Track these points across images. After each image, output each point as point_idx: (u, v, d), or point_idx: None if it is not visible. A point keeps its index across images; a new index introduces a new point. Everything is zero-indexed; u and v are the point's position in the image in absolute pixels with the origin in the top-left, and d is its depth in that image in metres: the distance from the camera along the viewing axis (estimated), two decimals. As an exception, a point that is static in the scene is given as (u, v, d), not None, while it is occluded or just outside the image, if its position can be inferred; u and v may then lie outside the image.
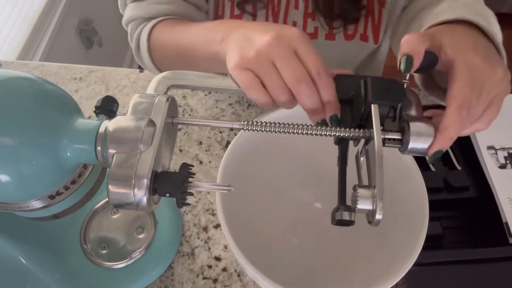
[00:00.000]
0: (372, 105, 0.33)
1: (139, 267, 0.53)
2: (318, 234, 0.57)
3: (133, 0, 0.60)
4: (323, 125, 0.35)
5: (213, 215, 0.60)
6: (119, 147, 0.31)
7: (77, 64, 0.80)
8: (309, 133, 0.35)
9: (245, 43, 0.39)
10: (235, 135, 0.51)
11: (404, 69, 0.35)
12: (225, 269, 0.55)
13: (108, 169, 0.31)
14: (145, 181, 0.29)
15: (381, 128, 0.34)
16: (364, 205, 0.30)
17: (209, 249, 0.57)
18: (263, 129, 0.35)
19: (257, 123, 0.35)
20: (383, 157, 0.31)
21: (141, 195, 0.30)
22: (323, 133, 0.35)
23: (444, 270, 0.51)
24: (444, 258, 0.52)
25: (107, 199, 0.47)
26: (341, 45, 0.66)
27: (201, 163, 0.65)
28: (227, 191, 0.33)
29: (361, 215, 0.32)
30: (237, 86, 0.39)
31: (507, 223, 0.53)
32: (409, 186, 0.47)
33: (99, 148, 0.31)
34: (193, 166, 0.33)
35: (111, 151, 0.31)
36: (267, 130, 0.35)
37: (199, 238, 0.58)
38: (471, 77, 0.36)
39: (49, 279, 0.49)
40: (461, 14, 0.44)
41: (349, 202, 0.32)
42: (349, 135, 0.35)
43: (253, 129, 0.35)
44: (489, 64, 0.37)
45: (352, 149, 0.37)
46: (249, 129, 0.35)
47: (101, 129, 0.32)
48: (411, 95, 0.36)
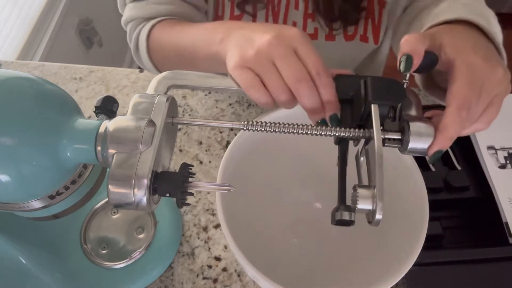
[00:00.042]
0: (372, 105, 0.33)
1: (139, 267, 0.53)
2: (318, 234, 0.57)
3: (132, 0, 0.60)
4: (323, 125, 0.35)
5: (213, 215, 0.60)
6: (119, 147, 0.31)
7: (77, 64, 0.80)
8: (309, 133, 0.35)
9: (245, 43, 0.39)
10: (235, 135, 0.51)
11: (403, 68, 0.35)
12: (225, 269, 0.55)
13: (108, 169, 0.31)
14: (145, 181, 0.30)
15: (381, 128, 0.34)
16: (364, 205, 0.30)
17: (209, 249, 0.57)
18: (263, 129, 0.35)
19: (257, 123, 0.35)
20: (383, 157, 0.31)
21: (141, 195, 0.30)
22: (323, 133, 0.35)
23: (444, 270, 0.51)
24: (444, 258, 0.52)
25: (107, 199, 0.47)
26: (341, 45, 0.66)
27: (201, 163, 0.65)
28: (227, 191, 0.33)
29: (361, 215, 0.32)
30: (237, 86, 0.39)
31: (507, 223, 0.53)
32: (409, 186, 0.46)
33: (99, 148, 0.31)
34: (193, 166, 0.33)
35: (111, 151, 0.31)
36: (267, 130, 0.35)
37: (199, 238, 0.58)
38: (471, 77, 0.36)
39: (49, 279, 0.49)
40: (461, 14, 0.44)
41: (349, 202, 0.32)
42: (349, 135, 0.35)
43: (253, 129, 0.35)
44: (489, 64, 0.37)
45: (352, 149, 0.37)
46: (249, 129, 0.35)
47: (101, 129, 0.32)
48: (411, 95, 0.36)
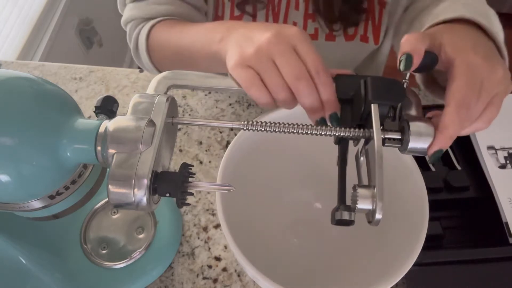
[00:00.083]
0: (372, 105, 0.33)
1: (139, 267, 0.53)
2: (318, 234, 0.57)
3: (132, 0, 0.60)
4: (323, 125, 0.35)
5: (213, 215, 0.60)
6: (119, 147, 0.31)
7: (77, 64, 0.80)
8: (309, 133, 0.35)
9: (245, 42, 0.39)
10: (235, 135, 0.51)
11: (403, 67, 0.35)
12: (225, 269, 0.55)
13: (108, 169, 0.31)
14: (145, 181, 0.30)
15: (381, 127, 0.34)
16: (364, 204, 0.30)
17: (209, 249, 0.57)
18: (263, 129, 0.35)
19: (257, 123, 0.35)
20: (383, 157, 0.31)
21: (141, 195, 0.30)
22: (323, 133, 0.35)
23: (444, 270, 0.51)
24: (444, 258, 0.52)
25: (107, 199, 0.47)
26: (341, 46, 0.66)
27: (201, 163, 0.65)
28: (227, 191, 0.33)
29: (361, 215, 0.32)
30: (238, 86, 0.39)
31: (507, 223, 0.53)
32: (409, 186, 0.46)
33: (99, 148, 0.31)
34: (193, 166, 0.33)
35: (111, 151, 0.31)
36: (267, 130, 0.35)
37: (199, 238, 0.58)
38: (471, 77, 0.36)
39: (49, 279, 0.49)
40: (461, 13, 0.44)
41: (349, 202, 0.32)
42: (349, 135, 0.35)
43: (253, 129, 0.35)
44: (489, 63, 0.37)
45: (352, 149, 0.37)
46: (249, 129, 0.35)
47: (101, 129, 0.32)
48: (411, 95, 0.36)
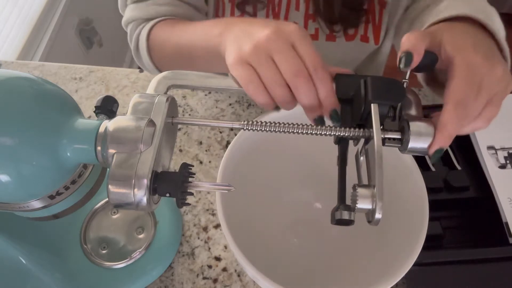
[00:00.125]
0: (372, 105, 0.33)
1: (139, 267, 0.53)
2: (318, 234, 0.57)
3: (133, 1, 0.60)
4: (321, 124, 0.35)
5: (213, 215, 0.60)
6: (119, 147, 0.31)
7: (77, 64, 0.80)
8: (309, 133, 0.35)
9: (244, 38, 0.38)
10: (235, 135, 0.51)
11: (403, 64, 0.35)
12: (225, 269, 0.55)
13: (108, 169, 0.31)
14: (145, 181, 0.30)
15: (381, 127, 0.34)
16: (363, 204, 0.30)
17: (209, 249, 0.57)
18: (263, 129, 0.35)
19: (257, 123, 0.35)
20: (383, 157, 0.31)
21: (141, 195, 0.30)
22: (323, 133, 0.35)
23: (444, 270, 0.51)
24: (444, 258, 0.52)
25: (107, 199, 0.47)
26: (341, 46, 0.66)
27: (201, 163, 0.65)
28: (227, 191, 0.33)
29: (361, 215, 0.32)
30: (238, 85, 0.39)
31: (507, 223, 0.53)
32: (409, 186, 0.46)
33: (99, 148, 0.31)
34: (193, 166, 0.33)
35: (111, 151, 0.31)
36: (267, 130, 0.35)
37: (199, 238, 0.58)
38: (469, 76, 0.36)
39: (49, 279, 0.49)
40: (462, 10, 0.44)
41: (348, 201, 0.32)
42: (349, 135, 0.35)
43: (253, 129, 0.35)
44: (489, 62, 0.37)
45: (352, 149, 0.37)
46: (249, 129, 0.35)
47: (101, 129, 0.32)
48: (411, 95, 0.36)
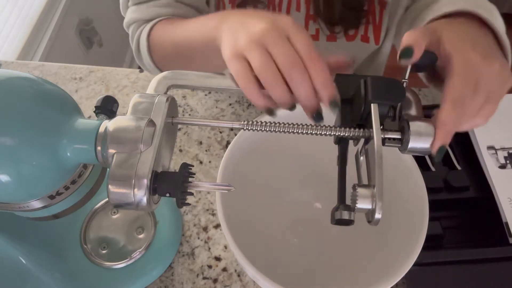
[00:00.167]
0: (372, 105, 0.33)
1: (139, 267, 0.53)
2: (318, 234, 0.57)
3: (134, 3, 0.60)
4: (319, 120, 0.35)
5: (213, 215, 0.60)
6: (119, 147, 0.31)
7: (77, 64, 0.80)
8: (309, 133, 0.35)
9: (239, 30, 0.38)
10: (235, 135, 0.51)
11: (404, 57, 0.36)
12: (225, 269, 0.55)
13: (108, 169, 0.31)
14: (145, 181, 0.30)
15: (381, 127, 0.34)
16: (363, 204, 0.30)
17: (209, 249, 0.57)
18: (263, 129, 0.35)
19: (257, 123, 0.35)
20: (383, 157, 0.31)
21: (141, 195, 0.30)
22: (323, 133, 0.35)
23: (444, 270, 0.51)
24: (444, 258, 0.52)
25: (107, 199, 0.47)
26: (342, 46, 0.66)
27: (201, 163, 0.65)
28: (227, 191, 0.33)
29: (361, 215, 0.32)
30: (236, 85, 0.39)
31: (507, 223, 0.53)
32: (409, 186, 0.46)
33: (99, 148, 0.31)
34: (193, 166, 0.33)
35: (111, 151, 0.31)
36: (267, 130, 0.35)
37: (199, 238, 0.58)
38: (467, 74, 0.36)
39: (49, 279, 0.49)
40: (462, 6, 0.44)
41: (348, 201, 0.32)
42: (349, 135, 0.35)
43: (253, 129, 0.35)
44: (486, 60, 0.37)
45: (352, 149, 0.37)
46: (249, 129, 0.35)
47: (101, 129, 0.32)
48: (411, 95, 0.37)
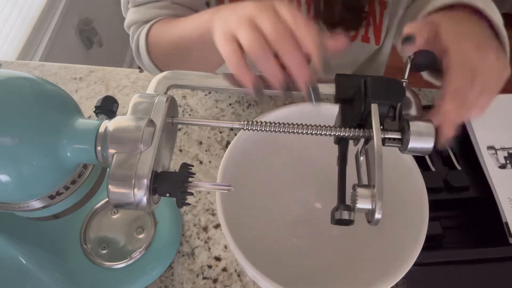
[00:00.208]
0: (372, 105, 0.33)
1: (139, 267, 0.53)
2: (318, 234, 0.57)
3: (134, 4, 0.61)
4: (316, 97, 0.35)
5: (213, 215, 0.60)
6: (119, 147, 0.31)
7: (77, 64, 0.80)
8: (309, 133, 0.35)
9: (230, 15, 0.39)
10: (235, 135, 0.51)
11: (407, 40, 0.37)
12: (225, 269, 0.55)
13: (108, 169, 0.31)
14: (145, 181, 0.30)
15: (381, 127, 0.34)
16: (363, 204, 0.30)
17: (209, 249, 0.57)
18: (263, 129, 0.35)
19: (257, 123, 0.35)
20: (383, 157, 0.31)
21: (141, 195, 0.30)
22: (323, 133, 0.35)
23: (444, 270, 0.51)
24: (444, 258, 0.52)
25: (107, 199, 0.47)
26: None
27: (201, 163, 0.65)
28: (227, 191, 0.33)
29: (361, 215, 0.32)
30: (235, 86, 0.39)
31: (507, 223, 0.53)
32: (409, 186, 0.46)
33: (99, 148, 0.31)
34: (193, 166, 0.33)
35: (111, 151, 0.31)
36: (267, 130, 0.35)
37: (199, 238, 0.58)
38: (463, 65, 0.37)
39: (49, 279, 0.49)
40: None
41: (348, 201, 0.32)
42: (349, 135, 0.35)
43: (253, 129, 0.35)
44: (481, 51, 0.38)
45: (352, 149, 0.37)
46: (249, 129, 0.35)
47: (101, 129, 0.32)
48: (411, 95, 0.37)
